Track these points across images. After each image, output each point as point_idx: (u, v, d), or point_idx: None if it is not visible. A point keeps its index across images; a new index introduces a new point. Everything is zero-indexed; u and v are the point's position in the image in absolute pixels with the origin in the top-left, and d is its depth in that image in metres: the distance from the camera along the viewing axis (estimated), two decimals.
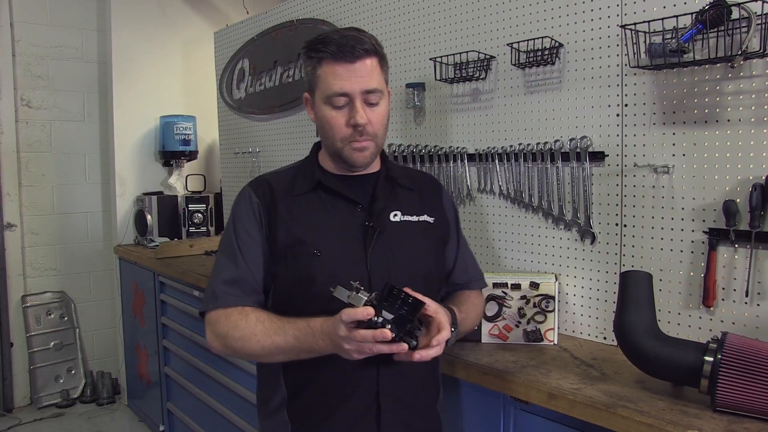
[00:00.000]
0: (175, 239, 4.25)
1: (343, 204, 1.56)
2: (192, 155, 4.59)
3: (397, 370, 1.51)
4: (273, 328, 1.43)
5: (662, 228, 1.83)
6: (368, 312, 1.27)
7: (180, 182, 4.60)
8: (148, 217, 4.29)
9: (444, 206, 1.73)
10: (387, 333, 1.26)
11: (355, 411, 1.51)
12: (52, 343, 4.56)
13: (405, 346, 1.29)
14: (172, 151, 4.51)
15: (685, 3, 1.72)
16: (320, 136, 1.57)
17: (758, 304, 1.64)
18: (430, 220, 1.65)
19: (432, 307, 1.37)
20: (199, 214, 4.34)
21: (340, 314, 1.29)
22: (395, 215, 1.59)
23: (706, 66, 1.70)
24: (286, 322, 1.43)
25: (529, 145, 2.16)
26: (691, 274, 1.77)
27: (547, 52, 2.06)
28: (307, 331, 1.38)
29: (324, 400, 1.51)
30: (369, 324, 1.28)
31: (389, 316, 1.29)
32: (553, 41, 2.05)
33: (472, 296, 1.74)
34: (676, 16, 1.68)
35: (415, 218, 1.62)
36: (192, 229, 4.32)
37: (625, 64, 1.87)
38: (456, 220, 1.79)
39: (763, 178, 1.59)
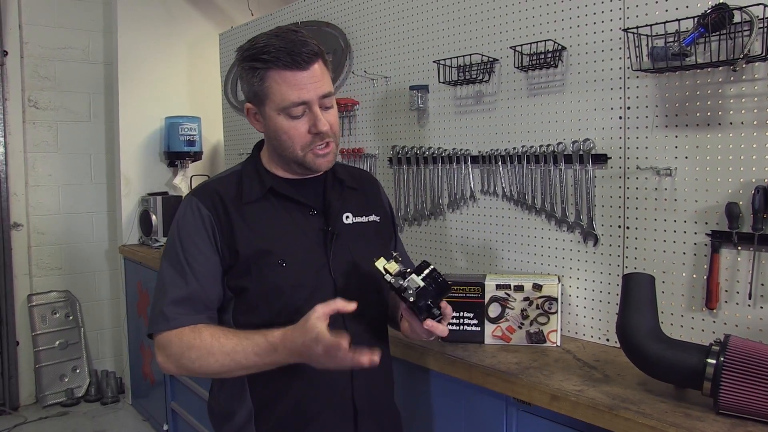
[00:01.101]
0: None
1: (296, 209, 1.53)
2: (197, 156, 4.60)
3: (369, 370, 1.51)
4: (230, 345, 1.36)
5: (665, 230, 1.83)
6: (344, 306, 1.29)
7: (185, 183, 4.61)
8: (153, 217, 4.30)
9: (383, 203, 1.74)
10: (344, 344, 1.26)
11: (333, 416, 1.49)
12: (57, 342, 4.59)
13: (370, 358, 1.29)
14: (176, 152, 4.52)
15: (687, 7, 1.73)
16: (275, 146, 1.51)
17: (761, 307, 1.64)
18: (377, 219, 1.66)
19: None
20: None
21: (312, 315, 1.27)
22: (347, 217, 1.59)
23: (709, 69, 1.70)
24: (243, 338, 1.37)
25: (532, 147, 2.17)
26: (694, 276, 1.77)
27: (550, 55, 2.07)
28: (267, 347, 1.33)
29: (299, 410, 1.48)
30: (394, 288, 1.36)
31: (414, 285, 1.36)
32: (556, 44, 2.05)
33: None
34: (678, 20, 1.68)
35: (365, 219, 1.63)
36: None
37: (628, 67, 1.88)
38: (392, 215, 1.80)
39: (766, 180, 1.60)
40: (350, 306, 1.30)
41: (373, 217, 1.65)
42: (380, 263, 1.40)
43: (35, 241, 4.57)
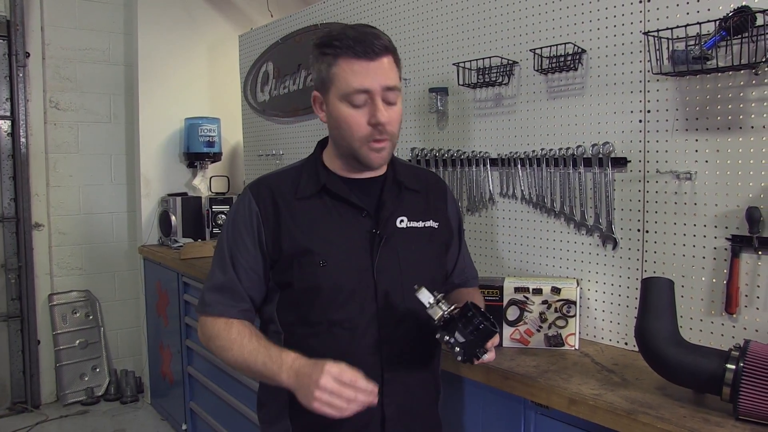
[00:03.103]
0: (199, 240, 4.30)
1: (348, 209, 1.52)
2: (216, 157, 4.64)
3: (400, 378, 1.53)
4: (248, 348, 1.44)
5: (684, 234, 1.83)
6: (373, 391, 1.32)
7: (204, 183, 4.65)
8: (173, 217, 4.34)
9: (448, 212, 1.71)
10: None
11: (360, 421, 1.47)
12: (78, 342, 4.63)
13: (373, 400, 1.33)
14: (196, 153, 4.55)
15: (708, 10, 1.72)
16: (334, 137, 1.52)
17: None
18: (435, 225, 1.63)
19: None
20: (223, 216, 4.37)
21: (333, 367, 1.30)
22: (401, 221, 1.56)
23: (730, 73, 1.69)
24: (262, 347, 1.44)
25: (551, 150, 2.17)
26: (714, 280, 1.77)
27: (569, 58, 2.07)
28: (277, 362, 1.39)
29: None
30: (442, 341, 1.38)
31: (461, 339, 1.36)
32: (576, 47, 2.05)
33: (474, 294, 1.75)
34: (700, 23, 1.67)
35: (421, 224, 1.60)
36: (216, 230, 4.35)
37: (648, 71, 1.87)
38: (459, 225, 1.78)
39: None
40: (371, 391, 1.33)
41: (430, 223, 1.62)
42: (423, 296, 1.40)
43: (56, 241, 4.62)
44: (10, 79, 4.38)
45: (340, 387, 1.29)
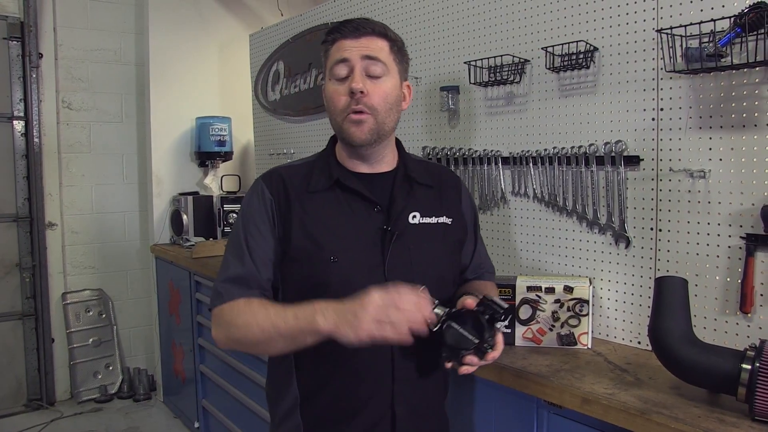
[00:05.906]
0: (211, 239, 4.32)
1: (360, 204, 1.50)
2: (227, 156, 4.65)
3: (412, 377, 1.51)
4: (274, 311, 1.37)
5: (698, 233, 1.81)
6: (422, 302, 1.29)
7: (215, 182, 4.66)
8: (184, 217, 4.35)
9: (462, 206, 1.68)
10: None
11: (370, 419, 1.49)
12: (91, 340, 4.67)
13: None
14: (207, 152, 4.57)
15: (723, 6, 1.70)
16: (329, 120, 1.53)
17: None
18: (448, 221, 1.60)
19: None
20: (234, 215, 4.38)
21: (376, 293, 1.27)
22: (414, 217, 1.54)
23: (745, 70, 1.68)
24: (288, 306, 1.36)
25: (563, 148, 2.16)
26: (728, 279, 1.75)
27: (582, 56, 2.06)
28: (307, 309, 1.32)
29: (338, 407, 1.49)
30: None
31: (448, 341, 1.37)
32: (588, 45, 2.04)
33: (486, 286, 1.72)
34: (714, 20, 1.66)
35: (434, 220, 1.57)
36: (227, 229, 4.35)
37: (661, 69, 1.86)
38: (474, 219, 1.76)
39: None
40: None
41: (443, 219, 1.59)
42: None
43: (69, 240, 4.65)
44: (23, 79, 4.40)
45: (387, 310, 1.25)
